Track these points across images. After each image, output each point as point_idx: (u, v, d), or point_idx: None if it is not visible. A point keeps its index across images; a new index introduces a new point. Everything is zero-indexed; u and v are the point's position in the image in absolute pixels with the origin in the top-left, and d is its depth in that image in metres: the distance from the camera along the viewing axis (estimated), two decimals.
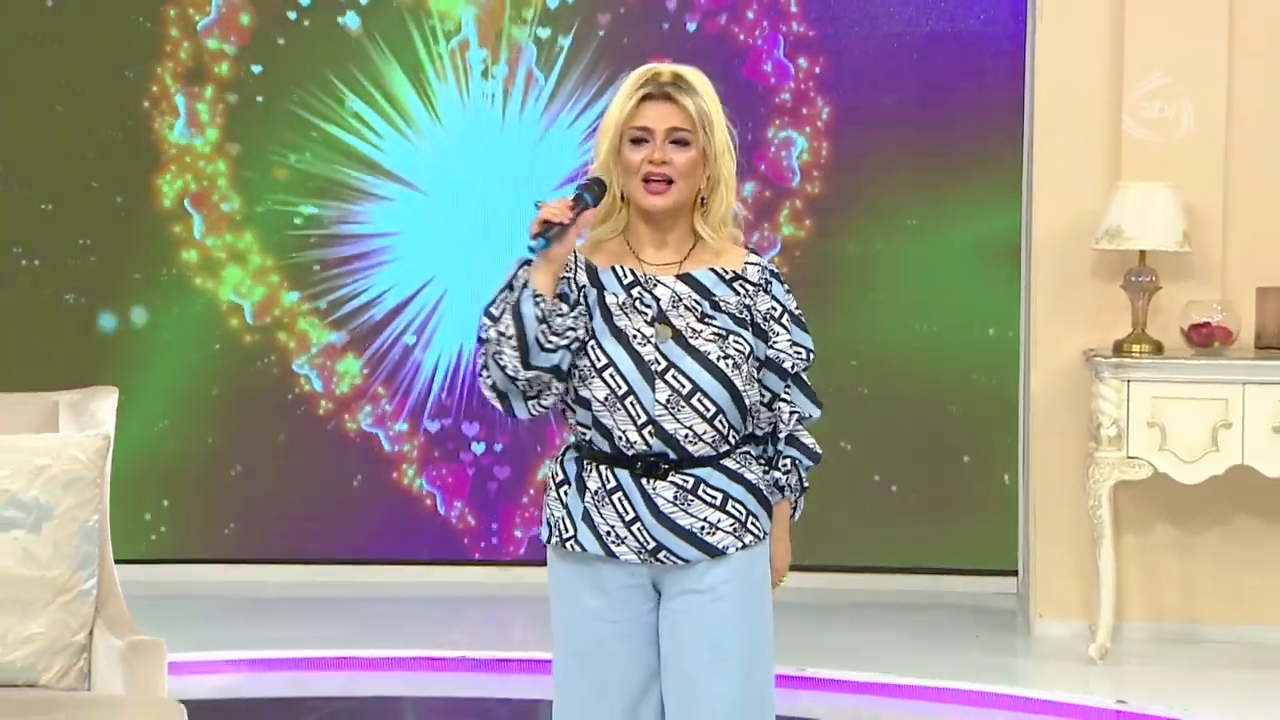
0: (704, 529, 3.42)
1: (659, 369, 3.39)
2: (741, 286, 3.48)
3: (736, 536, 3.44)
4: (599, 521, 3.42)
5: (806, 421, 3.55)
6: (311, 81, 7.71)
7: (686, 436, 3.40)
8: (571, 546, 3.44)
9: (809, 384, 3.54)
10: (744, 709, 3.46)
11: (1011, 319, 7.35)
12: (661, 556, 3.42)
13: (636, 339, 3.40)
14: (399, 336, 7.75)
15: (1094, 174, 6.71)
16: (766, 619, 3.51)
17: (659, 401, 3.38)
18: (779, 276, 3.53)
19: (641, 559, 3.42)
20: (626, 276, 3.43)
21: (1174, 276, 6.59)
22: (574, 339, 3.38)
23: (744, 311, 3.46)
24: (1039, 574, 6.85)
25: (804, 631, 6.74)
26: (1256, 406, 6.25)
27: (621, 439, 3.40)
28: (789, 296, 3.53)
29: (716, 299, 3.45)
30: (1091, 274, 6.74)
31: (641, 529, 3.41)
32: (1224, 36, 6.63)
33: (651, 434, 3.39)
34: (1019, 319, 7.28)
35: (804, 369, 3.52)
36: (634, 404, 3.38)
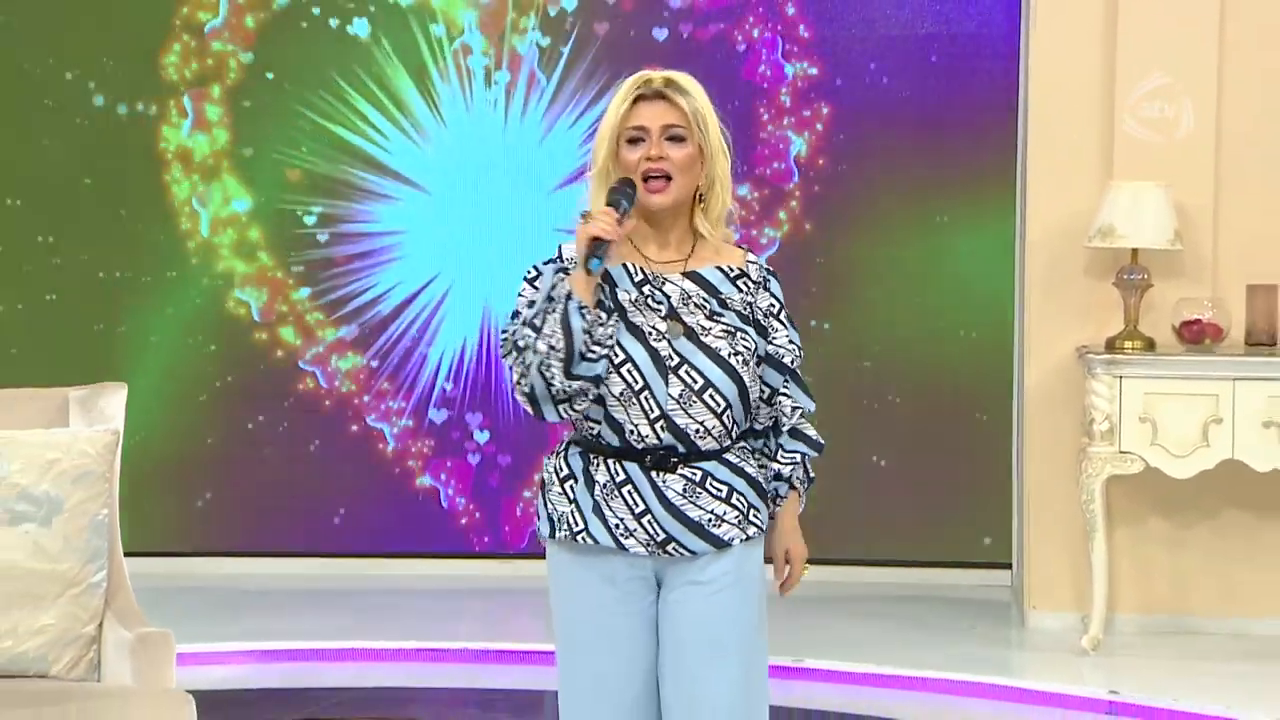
0: (710, 521, 3.43)
1: (673, 365, 3.40)
2: (744, 284, 3.50)
3: (740, 528, 3.46)
4: (608, 514, 3.43)
5: (804, 414, 3.57)
6: (318, 83, 7.71)
7: (696, 431, 3.41)
8: (583, 539, 3.44)
9: (803, 378, 3.57)
10: (745, 698, 3.47)
11: (1006, 316, 7.35)
12: (670, 548, 3.42)
13: (652, 335, 3.41)
14: (403, 333, 7.76)
15: (1087, 173, 6.71)
16: (763, 610, 3.53)
17: (672, 396, 3.39)
18: (775, 274, 3.57)
19: (649, 551, 3.42)
20: (637, 274, 3.44)
21: (1166, 274, 6.60)
22: (612, 346, 3.39)
23: (748, 309, 3.49)
24: (1033, 567, 6.86)
25: (802, 623, 6.75)
26: (1246, 402, 6.26)
27: (633, 433, 3.41)
28: (782, 294, 3.56)
29: (723, 296, 3.47)
30: (1084, 272, 6.75)
31: (651, 521, 3.42)
32: (1215, 38, 6.63)
33: (663, 428, 3.40)
34: (1013, 316, 7.29)
35: (800, 364, 3.55)
36: (648, 399, 3.39)
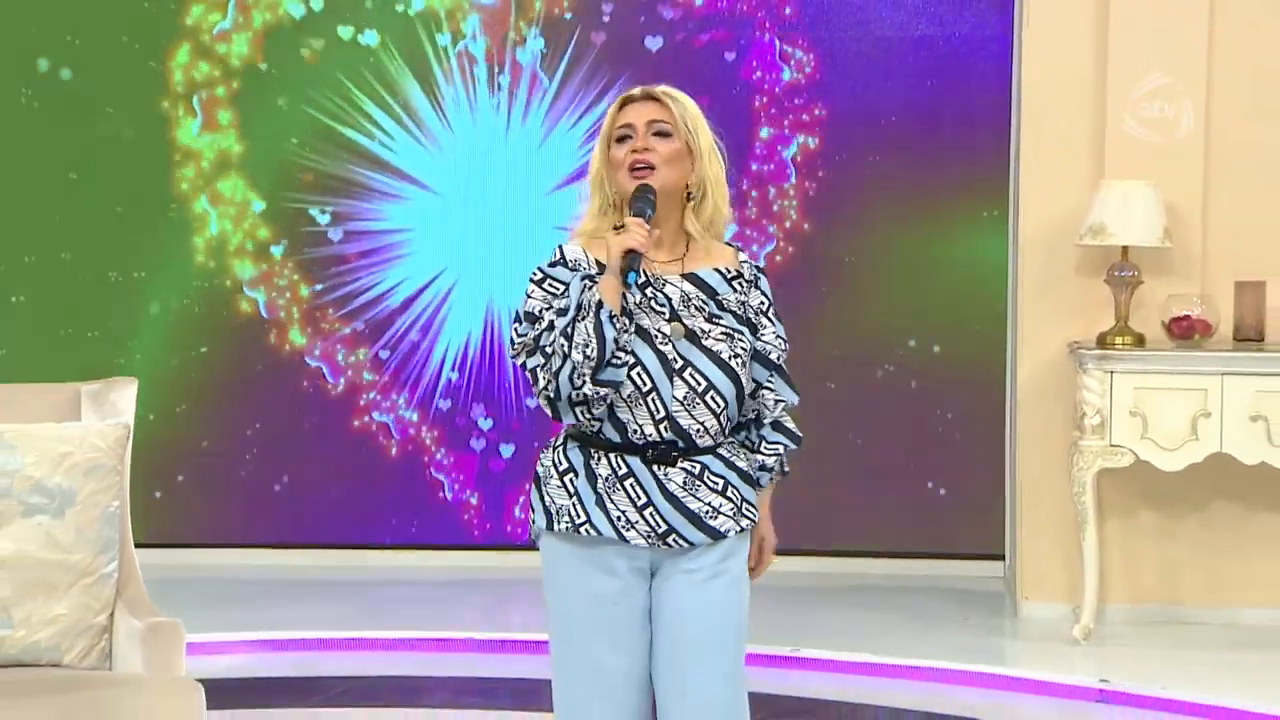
0: (708, 513, 3.45)
1: (678, 367, 3.42)
2: (739, 284, 3.53)
3: (735, 520, 3.49)
4: (610, 507, 3.44)
5: (786, 407, 3.60)
6: (325, 85, 7.72)
7: (697, 430, 3.44)
8: (587, 531, 3.45)
9: (787, 372, 3.60)
10: (734, 683, 3.51)
11: (999, 312, 7.36)
12: (670, 540, 3.44)
13: (658, 338, 3.43)
14: (408, 328, 7.77)
15: (1078, 173, 6.72)
16: (747, 598, 3.57)
17: (677, 398, 3.41)
18: (764, 271, 3.61)
19: (650, 542, 3.44)
20: (640, 276, 3.44)
21: (1155, 271, 6.61)
22: (631, 351, 3.40)
23: (742, 309, 3.51)
24: (1025, 558, 6.87)
25: (798, 613, 6.76)
26: (1235, 396, 6.27)
27: (635, 432, 3.43)
28: (770, 291, 3.60)
29: (721, 298, 3.49)
30: (1076, 269, 6.76)
31: (654, 513, 3.43)
32: (1204, 39, 6.63)
33: (666, 428, 3.42)
34: (1006, 313, 7.29)
35: (784, 358, 3.58)
36: (655, 400, 3.41)
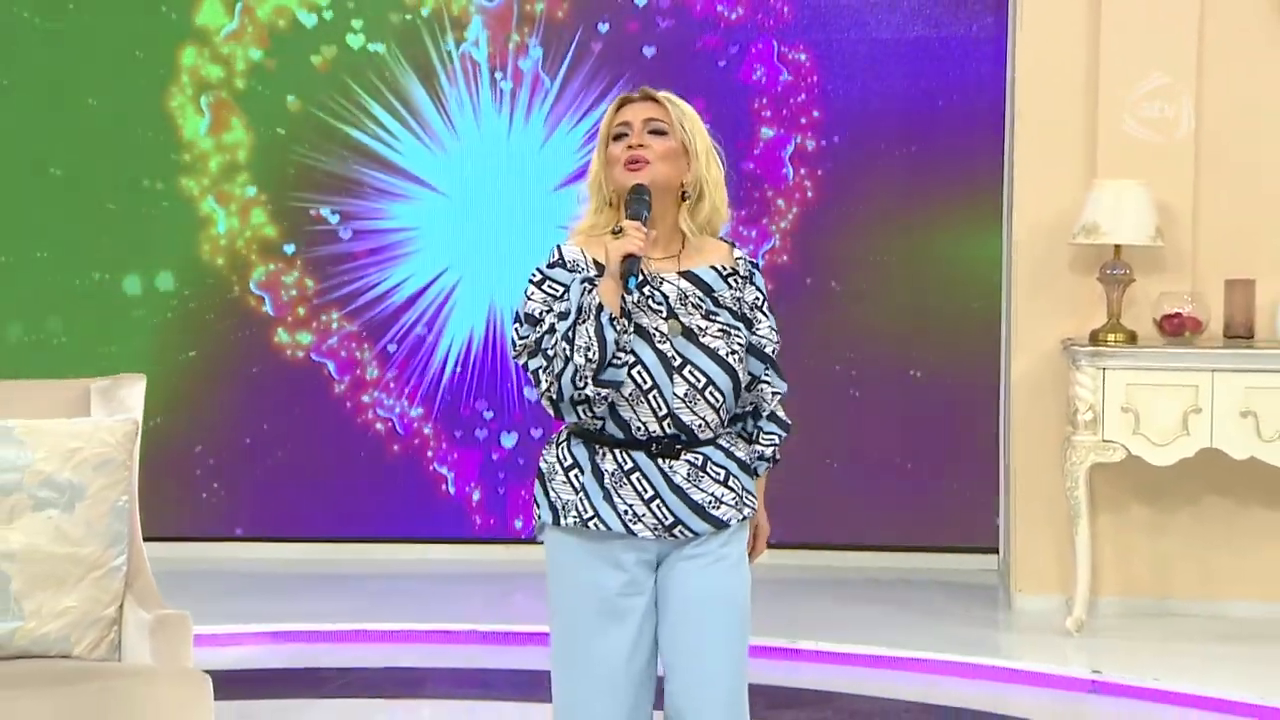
0: (711, 503, 3.47)
1: (677, 364, 3.43)
2: (735, 281, 3.54)
3: (737, 509, 3.51)
4: (617, 501, 3.45)
5: (782, 398, 3.63)
6: (332, 86, 7.73)
7: (699, 425, 3.45)
8: (595, 525, 3.45)
9: (779, 364, 3.62)
10: (738, 666, 3.52)
11: (994, 310, 7.36)
12: (677, 531, 3.46)
13: (656, 337, 3.44)
14: (413, 325, 7.77)
15: (1071, 173, 6.72)
16: (749, 582, 3.58)
17: (677, 395, 3.42)
18: (758, 266, 3.63)
19: (657, 534, 3.45)
20: (643, 275, 3.45)
21: (1147, 270, 6.61)
22: (632, 351, 3.42)
23: (737, 304, 3.53)
24: (1019, 551, 6.87)
25: (796, 606, 6.76)
26: (1225, 393, 6.27)
27: (639, 429, 3.44)
28: (764, 285, 3.62)
29: (716, 295, 3.50)
30: (1069, 267, 6.76)
31: (660, 505, 3.45)
32: (1194, 42, 6.63)
33: (669, 424, 3.44)
34: (1001, 310, 7.30)
35: (777, 350, 3.60)
36: (657, 398, 3.42)
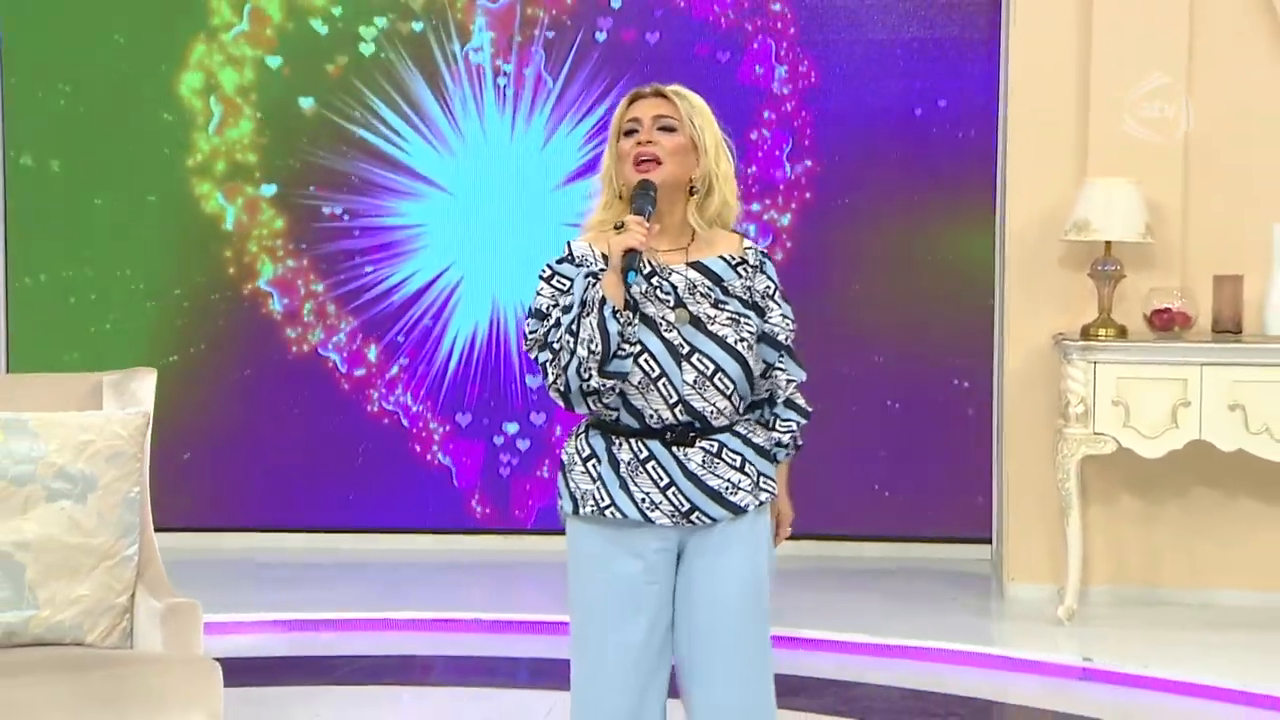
0: (727, 489, 3.47)
1: (685, 352, 3.43)
2: (744, 270, 3.54)
3: (753, 495, 3.50)
4: (634, 490, 3.45)
5: (797, 385, 3.61)
6: (339, 87, 7.73)
7: (711, 412, 3.45)
8: (611, 514, 3.46)
9: (796, 352, 3.61)
10: (759, 655, 3.52)
11: (987, 305, 7.36)
12: (694, 518, 3.46)
13: (663, 325, 3.43)
14: (418, 320, 7.77)
15: (1063, 170, 6.72)
16: (772, 569, 3.58)
17: (687, 382, 3.42)
18: (769, 256, 3.61)
19: (674, 521, 3.46)
20: (645, 267, 3.46)
21: (1137, 266, 6.61)
22: (638, 342, 3.42)
23: (747, 293, 3.52)
24: (1011, 542, 6.88)
25: (794, 595, 6.76)
26: (1213, 386, 6.27)
27: (652, 416, 3.44)
28: (776, 275, 3.60)
29: (725, 284, 3.50)
30: (1061, 263, 6.76)
31: (676, 492, 3.45)
32: (1184, 43, 6.63)
33: (681, 411, 3.43)
34: (994, 305, 7.30)
35: (792, 339, 3.58)
36: (666, 385, 3.42)
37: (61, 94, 7.80)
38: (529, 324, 3.48)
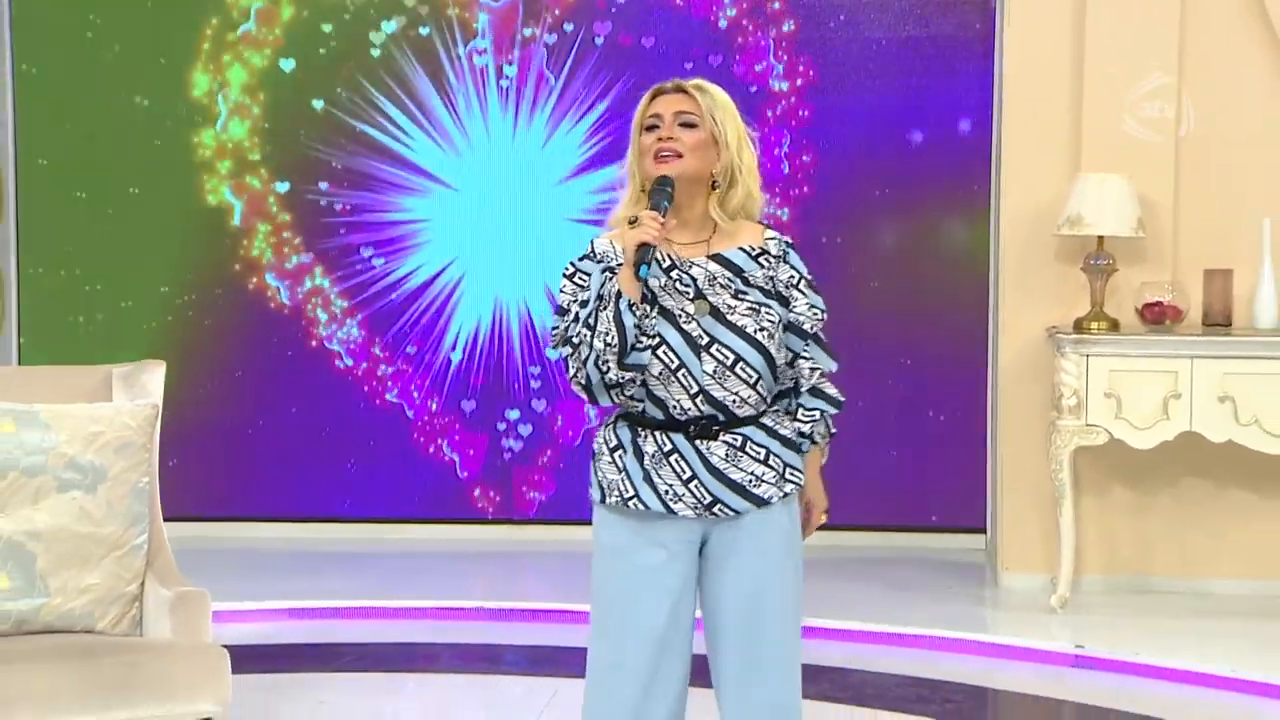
0: (751, 481, 3.46)
1: (704, 343, 3.42)
2: (766, 260, 3.51)
3: (778, 487, 3.48)
4: (657, 482, 3.45)
5: (824, 374, 3.57)
6: (345, 84, 7.73)
7: (734, 401, 3.44)
8: (634, 505, 3.46)
9: (826, 341, 3.58)
10: (786, 643, 3.51)
11: (981, 298, 7.37)
12: (716, 510, 3.45)
13: (682, 317, 3.43)
14: (421, 314, 7.78)
15: (1056, 166, 6.72)
16: (800, 559, 3.56)
17: (707, 372, 3.41)
18: (794, 246, 3.58)
19: (697, 513, 3.45)
20: (665, 260, 3.45)
21: (1129, 260, 6.61)
22: (655, 335, 3.42)
23: (770, 283, 3.49)
24: (1005, 531, 6.88)
25: None
26: (1204, 378, 6.27)
27: (675, 407, 3.43)
28: (803, 264, 3.57)
29: (746, 275, 3.48)
30: (1054, 257, 6.76)
31: (699, 485, 3.44)
32: (1175, 42, 6.63)
33: (702, 401, 3.43)
34: (988, 298, 7.30)
35: (821, 328, 3.56)
36: (686, 376, 3.42)
37: (71, 89, 7.82)
38: (552, 320, 3.49)
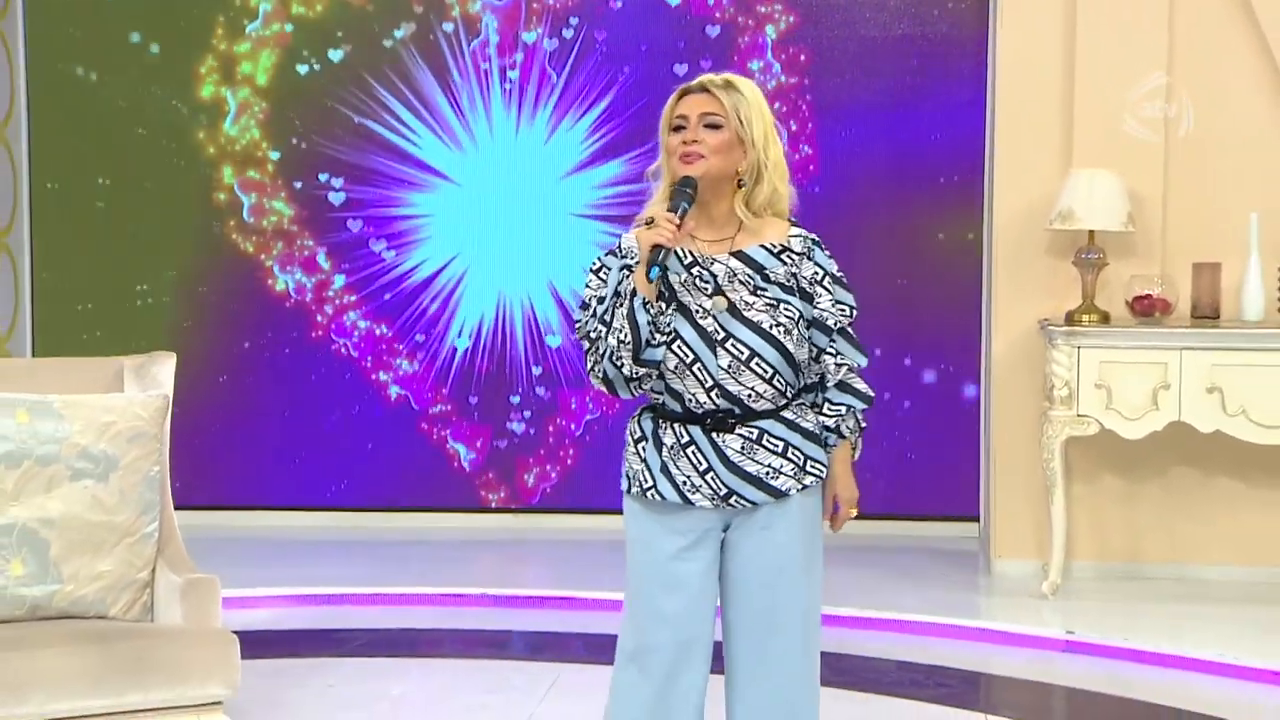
0: (768, 474, 3.46)
1: (719, 338, 3.43)
2: (788, 257, 3.50)
3: (796, 479, 3.48)
4: (675, 473, 3.47)
5: (851, 369, 3.55)
6: (351, 82, 7.74)
7: (749, 396, 3.44)
8: (652, 496, 3.48)
9: (855, 336, 3.56)
10: (803, 628, 3.52)
11: (975, 291, 7.37)
12: (733, 501, 3.46)
13: (698, 313, 3.43)
14: (426, 307, 7.79)
15: (1048, 162, 6.72)
16: (820, 551, 3.57)
17: (721, 367, 3.42)
18: (820, 244, 3.57)
19: (715, 504, 3.46)
20: (686, 257, 3.46)
21: (1119, 254, 6.62)
22: (672, 331, 3.43)
23: (791, 279, 3.49)
24: (998, 519, 6.89)
25: None
26: (1192, 370, 6.28)
27: (692, 400, 3.45)
28: (831, 261, 3.56)
29: (767, 271, 3.47)
30: (1046, 251, 6.77)
31: (714, 477, 3.45)
32: (1164, 40, 6.63)
33: (718, 395, 3.43)
34: (982, 292, 7.30)
35: (849, 323, 3.54)
36: (701, 370, 3.43)
37: (84, 85, 7.83)
38: (577, 314, 3.51)
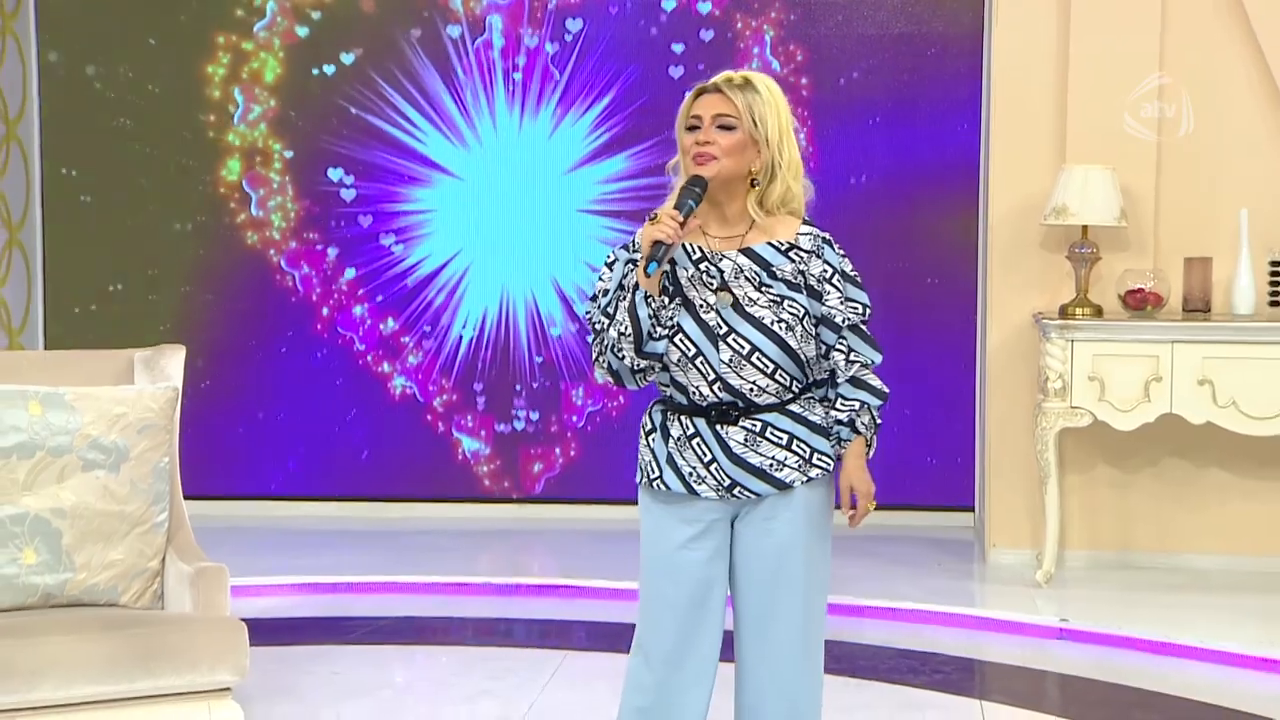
0: (772, 465, 3.46)
1: (721, 333, 3.43)
2: (796, 255, 3.49)
3: (801, 471, 3.48)
4: (681, 464, 3.48)
5: (864, 365, 3.52)
6: (357, 79, 7.74)
7: (751, 390, 3.45)
8: (658, 486, 3.51)
9: (868, 334, 3.54)
10: (804, 619, 3.53)
11: (970, 285, 7.37)
12: (737, 492, 3.47)
13: (702, 308, 3.44)
14: (431, 300, 7.79)
15: (1042, 158, 6.72)
16: (826, 542, 3.58)
17: (723, 361, 3.43)
18: (831, 242, 3.55)
19: (720, 495, 3.47)
20: (695, 253, 3.47)
21: (1112, 248, 6.62)
22: (675, 325, 3.44)
23: (798, 277, 3.48)
24: (993, 509, 6.90)
25: None
26: (1184, 362, 6.29)
27: (695, 393, 3.46)
28: (843, 260, 3.54)
29: (773, 268, 3.47)
30: (1040, 246, 6.77)
31: (718, 468, 3.46)
32: (1156, 38, 6.63)
33: (720, 388, 3.44)
34: (977, 286, 7.31)
35: (860, 321, 3.52)
36: (703, 363, 3.43)
37: (95, 82, 7.83)
38: (586, 305, 3.53)
